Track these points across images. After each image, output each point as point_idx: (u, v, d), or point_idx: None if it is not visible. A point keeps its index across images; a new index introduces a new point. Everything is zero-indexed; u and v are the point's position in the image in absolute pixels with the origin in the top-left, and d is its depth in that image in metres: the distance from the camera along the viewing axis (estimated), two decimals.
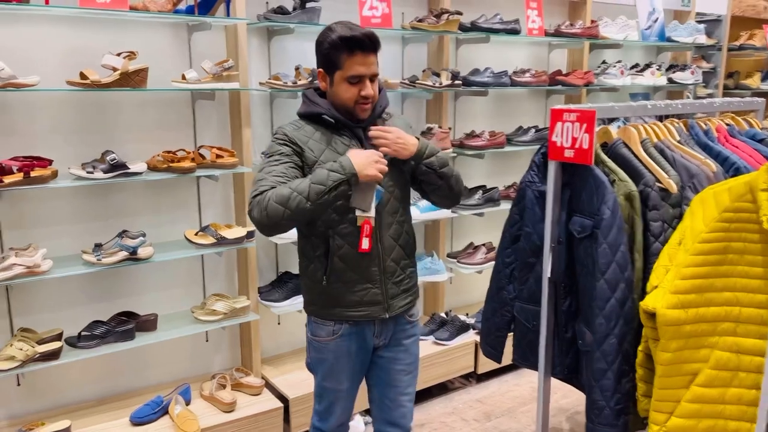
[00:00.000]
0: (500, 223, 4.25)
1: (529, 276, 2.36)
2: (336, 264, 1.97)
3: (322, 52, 1.91)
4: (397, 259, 2.05)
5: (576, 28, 3.92)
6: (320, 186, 1.77)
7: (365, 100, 1.92)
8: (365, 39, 1.86)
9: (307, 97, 2.01)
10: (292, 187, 1.79)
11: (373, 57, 1.90)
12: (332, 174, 1.79)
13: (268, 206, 1.78)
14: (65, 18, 2.61)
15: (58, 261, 2.60)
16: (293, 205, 1.77)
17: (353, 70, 1.88)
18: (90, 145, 2.73)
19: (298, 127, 1.97)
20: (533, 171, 2.31)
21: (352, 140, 1.97)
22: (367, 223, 1.93)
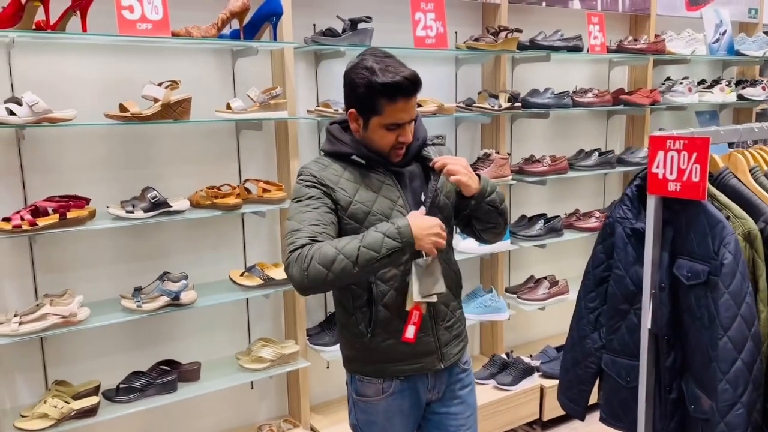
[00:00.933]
0: (563, 255, 4.05)
1: (621, 324, 2.07)
2: (381, 314, 1.73)
3: (357, 93, 1.66)
4: (446, 302, 1.82)
5: (641, 43, 3.64)
6: (372, 252, 1.53)
7: (402, 146, 1.72)
8: (409, 85, 1.62)
9: (332, 135, 1.79)
10: (338, 247, 1.54)
11: (414, 100, 1.67)
12: (387, 240, 1.54)
13: (309, 267, 1.54)
14: (103, 47, 2.44)
15: (95, 307, 2.40)
16: (338, 269, 1.53)
17: (395, 118, 1.65)
18: (129, 180, 2.55)
19: (325, 165, 1.74)
20: (625, 205, 2.03)
21: (386, 176, 1.75)
22: (417, 309, 1.70)
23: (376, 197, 1.72)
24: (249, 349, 2.75)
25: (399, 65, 1.65)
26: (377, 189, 1.73)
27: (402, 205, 1.74)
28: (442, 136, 1.89)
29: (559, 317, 3.90)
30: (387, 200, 1.73)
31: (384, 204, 1.72)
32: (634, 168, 3.74)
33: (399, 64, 1.65)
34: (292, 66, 2.68)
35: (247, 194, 2.63)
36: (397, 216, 1.70)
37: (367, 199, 1.70)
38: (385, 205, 1.72)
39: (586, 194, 3.95)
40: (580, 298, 2.25)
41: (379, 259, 1.53)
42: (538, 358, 3.45)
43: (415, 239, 1.56)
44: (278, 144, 2.82)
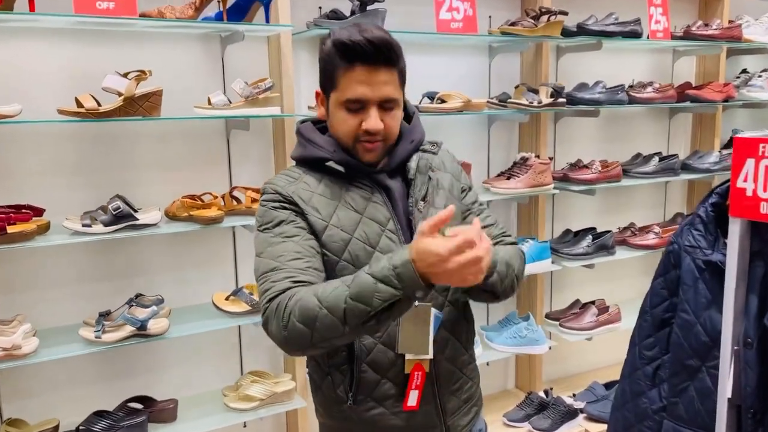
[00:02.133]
0: (614, 276, 3.45)
1: (689, 386, 1.58)
2: (365, 375, 1.30)
3: (320, 65, 1.31)
4: (453, 357, 1.37)
5: (712, 28, 3.09)
6: (361, 305, 1.06)
7: (369, 137, 1.27)
8: (370, 48, 1.21)
9: (301, 135, 1.37)
10: (321, 296, 1.11)
11: (386, 73, 1.24)
12: (380, 288, 1.05)
13: (289, 325, 1.12)
14: (63, 32, 2.09)
15: (52, 335, 2.07)
16: (323, 329, 1.09)
17: (352, 92, 1.24)
18: (100, 187, 2.20)
19: (294, 179, 1.33)
20: (697, 230, 1.54)
21: (374, 191, 1.32)
22: (420, 369, 1.28)
23: (359, 219, 1.29)
24: (237, 384, 2.36)
25: (376, 30, 1.24)
26: (361, 208, 1.30)
27: (393, 229, 1.31)
28: (437, 142, 1.45)
29: (609, 348, 3.38)
30: (373, 223, 1.30)
31: (369, 229, 1.29)
32: (702, 176, 3.19)
33: (376, 28, 1.25)
34: (290, 54, 2.28)
35: (234, 204, 2.24)
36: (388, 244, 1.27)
37: (346, 223, 1.28)
38: (371, 230, 1.29)
39: (644, 206, 3.41)
40: (634, 343, 1.77)
41: (373, 315, 1.06)
42: (583, 398, 2.94)
43: (430, 276, 1.05)
44: (275, 145, 2.43)
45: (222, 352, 2.49)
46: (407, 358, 1.28)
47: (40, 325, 2.11)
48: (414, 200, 1.33)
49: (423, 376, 1.30)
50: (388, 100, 1.26)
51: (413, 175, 1.35)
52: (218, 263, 2.43)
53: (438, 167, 1.41)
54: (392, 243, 1.29)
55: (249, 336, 2.52)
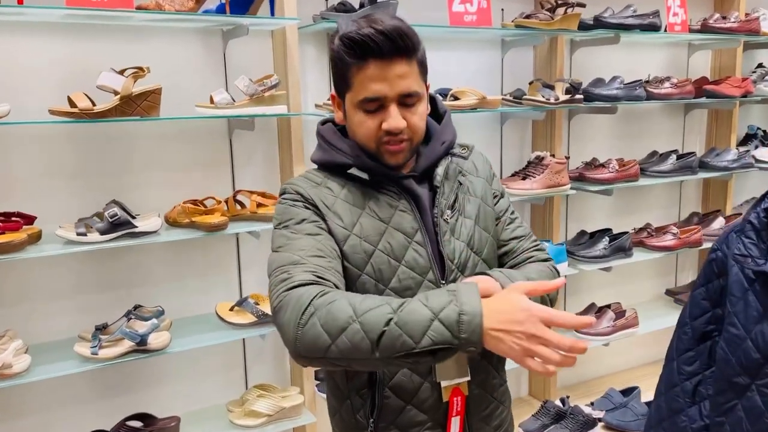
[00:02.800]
0: (631, 279, 3.31)
1: (737, 405, 1.46)
2: (388, 400, 1.19)
3: (331, 65, 1.20)
4: (483, 382, 1.25)
5: (730, 21, 2.97)
6: (406, 338, 0.93)
7: (392, 138, 1.15)
8: (381, 40, 1.08)
9: (323, 138, 1.25)
10: (357, 307, 0.96)
11: (402, 66, 1.12)
12: (437, 327, 0.92)
13: (308, 324, 0.97)
14: (56, 26, 1.95)
15: (46, 351, 1.94)
16: (347, 345, 0.95)
17: (367, 90, 1.12)
18: (96, 192, 2.06)
19: (317, 183, 1.21)
20: (748, 237, 1.42)
21: (400, 198, 1.20)
22: (458, 393, 1.18)
23: (385, 229, 1.18)
24: (243, 399, 2.24)
25: (385, 18, 1.12)
26: (386, 217, 1.18)
27: (420, 241, 1.19)
28: (467, 145, 1.33)
29: (624, 352, 3.28)
30: (399, 234, 1.18)
31: (395, 240, 1.18)
32: (720, 174, 3.08)
33: (388, 17, 1.12)
34: (296, 49, 2.15)
35: (238, 209, 2.11)
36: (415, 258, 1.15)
37: (370, 233, 1.17)
38: (397, 241, 1.18)
39: (658, 206, 3.30)
40: (671, 358, 1.65)
41: (415, 353, 0.93)
42: (601, 406, 2.83)
43: (484, 337, 0.93)
44: (281, 146, 2.29)
45: (226, 365, 2.36)
46: (444, 386, 1.16)
47: (32, 341, 1.98)
48: (440, 210, 1.21)
49: (463, 400, 1.19)
50: (408, 95, 1.14)
51: (440, 182, 1.23)
52: (221, 272, 2.29)
53: (469, 171, 1.29)
54: (419, 257, 1.18)
55: (254, 348, 2.39)
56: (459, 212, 1.24)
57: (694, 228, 3.01)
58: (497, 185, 1.35)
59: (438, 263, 1.19)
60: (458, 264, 1.20)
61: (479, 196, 1.28)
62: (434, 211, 1.21)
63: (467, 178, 1.28)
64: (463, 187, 1.27)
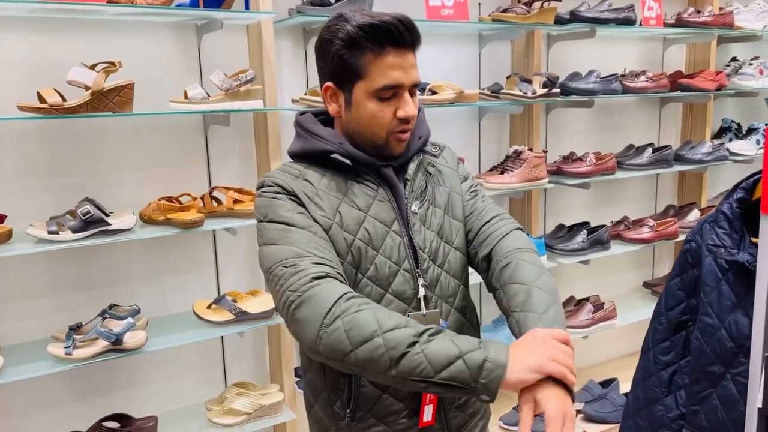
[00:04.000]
0: (608, 271, 3.34)
1: (711, 393, 1.48)
2: (364, 389, 1.20)
3: (330, 55, 1.16)
4: None
5: (704, 15, 3.01)
6: (425, 364, 0.97)
7: (405, 125, 1.18)
8: (400, 27, 1.12)
9: (302, 128, 1.24)
10: (384, 323, 1.00)
11: (412, 56, 1.16)
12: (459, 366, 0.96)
13: (332, 326, 1.00)
14: (22, 20, 1.91)
15: (19, 352, 1.90)
16: (366, 356, 0.99)
17: (387, 78, 1.13)
18: (68, 190, 2.02)
19: (295, 176, 1.20)
20: (721, 227, 1.44)
21: (379, 187, 1.21)
22: None
23: (364, 218, 1.18)
24: (222, 397, 2.22)
25: (388, 12, 1.16)
26: (365, 206, 1.19)
27: (397, 230, 1.20)
28: (439, 145, 1.35)
29: (604, 344, 3.31)
30: (378, 223, 1.19)
31: (374, 228, 1.19)
32: (695, 167, 3.12)
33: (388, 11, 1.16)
34: (272, 43, 2.12)
35: (214, 206, 2.09)
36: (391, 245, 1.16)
37: (349, 222, 1.17)
38: (375, 230, 1.19)
39: (635, 198, 3.33)
40: (648, 348, 1.67)
41: (430, 382, 0.97)
42: (580, 398, 2.86)
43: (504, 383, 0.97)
44: (257, 142, 2.27)
45: (204, 363, 2.33)
46: None
47: (4, 342, 1.94)
48: (410, 201, 1.23)
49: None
50: (417, 85, 1.18)
51: (410, 176, 1.25)
52: (198, 269, 2.27)
53: (439, 164, 1.33)
54: (395, 245, 1.19)
55: (233, 346, 2.37)
56: (430, 202, 1.26)
57: (670, 220, 3.05)
58: (462, 170, 1.38)
59: (412, 253, 1.20)
60: (429, 253, 1.22)
61: (448, 186, 1.31)
62: (405, 202, 1.23)
63: (437, 168, 1.31)
64: (433, 177, 1.30)
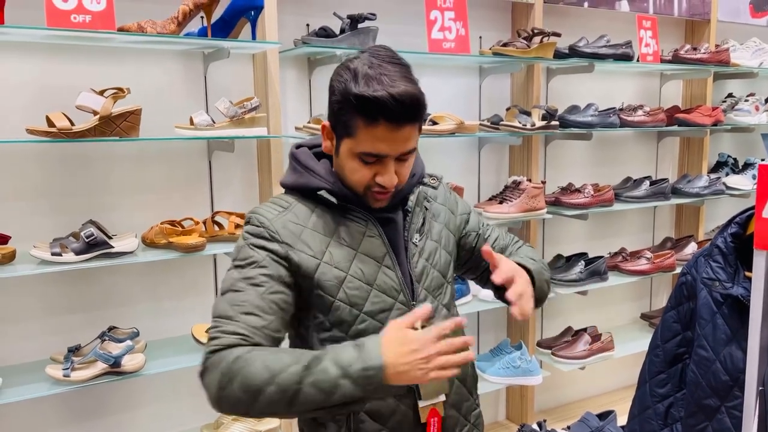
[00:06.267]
0: (606, 302, 3.34)
1: (708, 427, 1.49)
2: (363, 424, 1.20)
3: (331, 101, 1.16)
4: (458, 403, 1.28)
5: (701, 52, 3.07)
6: (317, 394, 1.01)
7: (382, 189, 1.17)
8: (396, 107, 1.08)
9: (297, 161, 1.24)
10: (273, 370, 1.02)
11: (409, 129, 1.13)
12: (345, 384, 1.00)
13: (227, 387, 1.03)
14: (34, 46, 1.96)
15: (17, 373, 1.90)
16: (263, 402, 1.02)
17: (371, 147, 1.12)
18: (69, 213, 2.05)
19: (284, 208, 1.20)
20: (716, 261, 1.46)
21: (369, 223, 1.21)
22: (435, 414, 1.21)
23: (354, 255, 1.19)
24: (218, 423, 2.21)
25: (399, 77, 1.10)
26: (355, 243, 1.20)
27: (390, 265, 1.21)
28: (436, 176, 1.37)
29: (601, 376, 3.30)
30: (369, 260, 1.20)
31: (365, 265, 1.19)
32: (692, 200, 3.15)
33: (401, 76, 1.11)
34: (277, 72, 2.17)
35: (216, 231, 2.11)
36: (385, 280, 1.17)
37: (340, 260, 1.17)
38: (367, 267, 1.19)
39: (632, 230, 3.36)
40: (644, 380, 1.68)
41: (328, 407, 1.03)
42: (577, 430, 2.83)
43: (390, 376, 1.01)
44: (260, 168, 2.31)
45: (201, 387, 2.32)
46: (422, 407, 1.18)
47: (3, 363, 1.94)
48: (410, 234, 1.25)
49: (439, 421, 1.21)
50: (407, 153, 1.16)
51: (411, 208, 1.27)
52: (198, 293, 2.28)
53: (434, 198, 1.35)
54: (389, 280, 1.20)
55: None
56: (426, 236, 1.28)
57: (667, 253, 3.07)
58: (462, 207, 1.40)
59: (409, 285, 1.22)
60: (426, 286, 1.24)
61: (443, 223, 1.33)
62: (405, 234, 1.25)
63: (432, 204, 1.33)
64: (429, 212, 1.31)
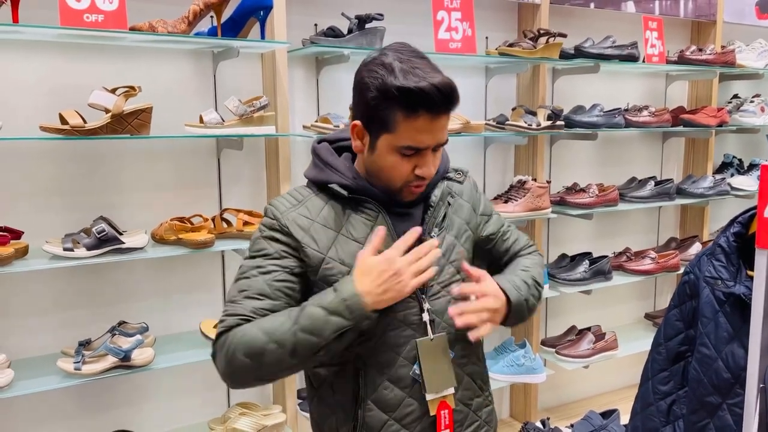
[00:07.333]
0: (610, 302, 3.36)
1: (709, 424, 1.51)
2: (371, 413, 1.21)
3: (366, 99, 1.17)
4: (467, 398, 1.29)
5: (706, 53, 3.08)
6: (312, 338, 1.10)
7: (421, 180, 1.21)
8: (439, 96, 1.12)
9: (318, 156, 1.28)
10: (268, 330, 1.11)
11: (445, 119, 1.17)
12: (331, 319, 1.10)
13: (233, 359, 1.12)
14: (47, 45, 1.99)
15: (29, 366, 1.93)
16: (271, 362, 1.11)
17: (413, 140, 1.15)
18: (83, 209, 2.08)
19: (298, 201, 1.24)
20: (718, 260, 1.48)
21: (378, 216, 1.23)
22: (446, 406, 1.23)
23: (359, 250, 1.20)
24: (225, 417, 2.24)
25: (431, 69, 1.15)
26: (362, 238, 1.22)
27: None
28: (462, 170, 1.38)
29: (605, 375, 3.32)
30: None
31: None
32: (697, 200, 3.16)
33: (431, 68, 1.15)
34: (285, 71, 2.20)
35: (224, 227, 2.14)
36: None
37: (345, 255, 1.20)
38: None
39: (637, 230, 3.37)
40: (647, 377, 1.70)
41: (324, 346, 1.11)
42: (580, 428, 2.85)
43: (370, 300, 1.11)
44: (268, 166, 2.33)
45: (208, 382, 2.36)
46: (430, 399, 1.20)
47: (15, 356, 1.98)
48: (428, 227, 1.26)
49: (450, 413, 1.23)
50: (442, 143, 1.20)
51: (434, 203, 1.28)
52: (206, 289, 2.31)
53: (459, 194, 1.35)
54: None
55: None
56: (446, 230, 1.29)
57: (671, 253, 3.08)
58: (486, 208, 1.40)
59: None
60: (441, 281, 1.24)
61: (464, 219, 1.33)
62: (424, 227, 1.25)
63: (456, 199, 1.33)
64: (452, 207, 1.32)
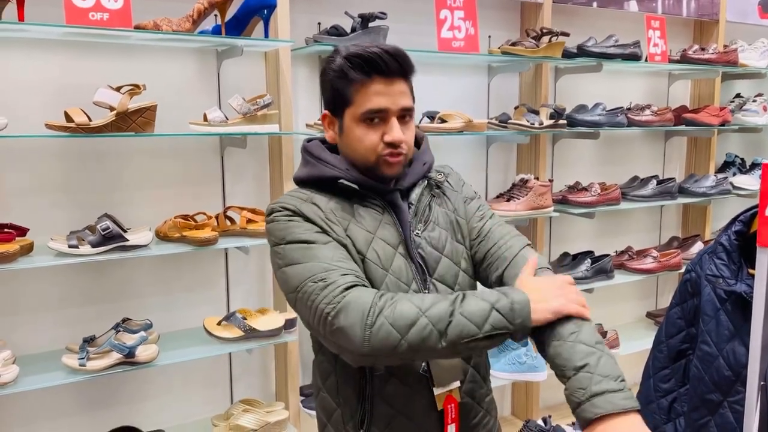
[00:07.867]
0: (612, 300, 3.39)
1: (710, 421, 1.52)
2: (378, 408, 1.22)
3: (326, 85, 1.24)
4: (471, 391, 1.30)
5: (709, 52, 3.08)
6: (471, 326, 1.05)
7: (393, 149, 1.21)
8: (387, 58, 1.18)
9: (310, 154, 1.28)
10: (421, 306, 1.06)
11: (402, 84, 1.22)
12: (495, 316, 1.06)
13: (376, 325, 1.04)
14: (52, 43, 2.00)
15: (34, 362, 1.95)
16: (417, 338, 1.04)
17: (371, 103, 1.19)
18: (85, 207, 2.09)
19: (303, 199, 1.23)
20: (720, 258, 1.49)
21: (384, 211, 1.25)
22: (452, 401, 1.24)
23: (372, 239, 1.22)
24: (228, 414, 2.25)
25: (383, 44, 1.22)
26: (372, 228, 1.23)
27: (404, 253, 1.24)
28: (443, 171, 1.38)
29: None
30: (386, 244, 1.23)
31: (383, 249, 1.22)
32: (699, 200, 3.17)
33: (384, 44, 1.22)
34: (288, 70, 2.21)
35: (228, 225, 2.15)
36: (400, 266, 1.20)
37: (361, 242, 1.21)
38: (384, 250, 1.22)
39: (639, 229, 3.38)
40: (648, 375, 1.71)
41: (477, 339, 1.06)
42: None
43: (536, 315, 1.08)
44: (271, 164, 2.34)
45: (212, 379, 2.38)
46: (437, 393, 1.22)
47: (21, 352, 1.99)
48: (413, 224, 1.26)
49: (456, 407, 1.24)
50: (407, 110, 1.22)
51: (415, 200, 1.28)
52: (210, 286, 2.33)
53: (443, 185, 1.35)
54: (404, 266, 1.22)
55: (241, 363, 2.41)
56: (435, 224, 1.29)
57: (673, 252, 3.09)
58: (467, 191, 1.39)
59: (420, 275, 1.23)
60: (438, 276, 1.25)
61: (452, 209, 1.33)
62: (410, 223, 1.26)
63: (442, 191, 1.34)
64: (437, 200, 1.32)
